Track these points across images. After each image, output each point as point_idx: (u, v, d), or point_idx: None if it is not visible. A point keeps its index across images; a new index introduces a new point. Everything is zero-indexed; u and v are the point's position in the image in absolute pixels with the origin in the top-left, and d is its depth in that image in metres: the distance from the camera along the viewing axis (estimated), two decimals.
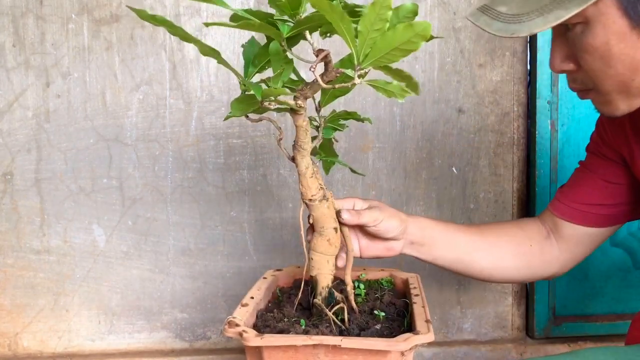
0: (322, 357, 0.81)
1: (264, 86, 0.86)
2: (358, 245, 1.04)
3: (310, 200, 0.92)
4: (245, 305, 0.96)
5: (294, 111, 0.87)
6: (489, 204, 1.49)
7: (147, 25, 1.39)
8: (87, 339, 1.46)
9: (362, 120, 1.00)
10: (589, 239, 1.09)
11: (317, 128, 0.97)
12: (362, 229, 1.02)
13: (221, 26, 0.85)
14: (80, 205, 1.42)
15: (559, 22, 0.74)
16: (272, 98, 0.84)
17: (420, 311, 0.87)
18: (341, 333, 0.86)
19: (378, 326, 0.87)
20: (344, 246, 0.99)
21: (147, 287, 1.46)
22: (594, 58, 0.81)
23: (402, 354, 0.79)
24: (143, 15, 0.73)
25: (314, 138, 0.94)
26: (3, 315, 1.44)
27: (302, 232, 0.95)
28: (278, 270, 1.08)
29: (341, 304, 0.90)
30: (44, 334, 1.45)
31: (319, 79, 0.78)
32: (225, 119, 0.89)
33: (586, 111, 1.48)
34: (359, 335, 0.85)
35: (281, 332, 0.86)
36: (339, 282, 0.99)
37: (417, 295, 0.94)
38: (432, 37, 0.82)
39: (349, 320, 0.89)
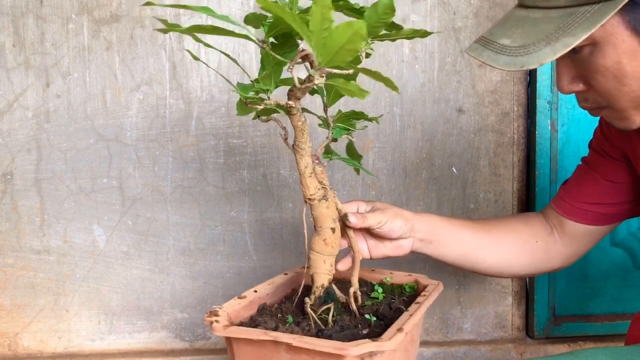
0: (284, 354, 0.81)
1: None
2: (366, 246, 1.04)
3: (310, 199, 0.93)
4: (242, 297, 0.97)
5: (288, 112, 0.88)
6: (489, 204, 1.49)
7: (147, 25, 1.39)
8: (87, 339, 1.46)
9: (370, 120, 1.00)
10: (591, 236, 1.10)
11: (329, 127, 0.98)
12: (368, 230, 1.02)
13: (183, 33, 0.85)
14: (80, 205, 1.42)
15: (567, 49, 0.73)
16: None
17: (403, 319, 0.86)
18: (318, 333, 0.85)
19: (366, 330, 0.86)
20: (350, 251, 1.00)
21: (147, 287, 1.46)
22: (606, 78, 0.79)
23: (362, 359, 0.78)
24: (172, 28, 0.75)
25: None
26: (3, 315, 1.44)
27: (305, 232, 0.95)
28: (304, 267, 1.07)
29: (330, 304, 0.90)
30: (44, 334, 1.45)
31: (295, 80, 0.78)
32: (240, 114, 0.91)
33: (586, 111, 1.48)
34: (330, 337, 0.84)
35: (266, 327, 0.86)
36: (347, 283, 0.99)
37: (418, 302, 0.93)
38: (426, 34, 0.83)
39: (334, 321, 0.89)
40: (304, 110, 1.03)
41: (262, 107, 0.88)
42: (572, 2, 0.75)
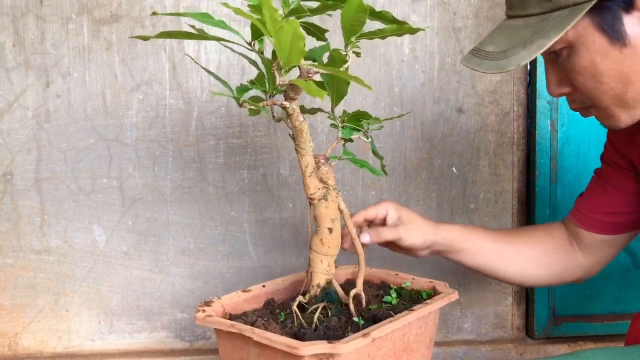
0: (253, 348, 0.83)
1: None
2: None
3: (310, 198, 0.94)
4: (246, 291, 1.00)
5: (286, 112, 0.90)
6: (489, 204, 1.49)
7: (147, 25, 1.39)
8: (87, 339, 1.46)
9: (379, 121, 1.00)
10: (609, 245, 1.10)
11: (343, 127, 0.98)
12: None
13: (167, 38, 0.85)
14: (80, 205, 1.42)
15: (542, 51, 0.79)
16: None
17: (376, 325, 0.85)
18: (297, 332, 0.86)
19: (350, 333, 0.85)
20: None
21: (147, 287, 1.46)
22: (585, 78, 0.84)
23: (322, 359, 0.78)
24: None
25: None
26: (3, 315, 1.44)
27: (309, 230, 0.97)
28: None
29: (320, 304, 0.91)
30: (44, 334, 1.45)
31: (278, 80, 0.81)
32: (251, 114, 0.94)
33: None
34: (303, 335, 0.85)
35: (246, 320, 0.89)
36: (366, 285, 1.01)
37: (412, 310, 0.91)
38: (412, 30, 0.83)
39: (321, 321, 0.89)
40: (315, 110, 1.03)
41: (260, 107, 0.90)
42: (545, 8, 0.81)
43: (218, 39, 0.83)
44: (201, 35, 0.84)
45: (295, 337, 0.85)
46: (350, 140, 0.99)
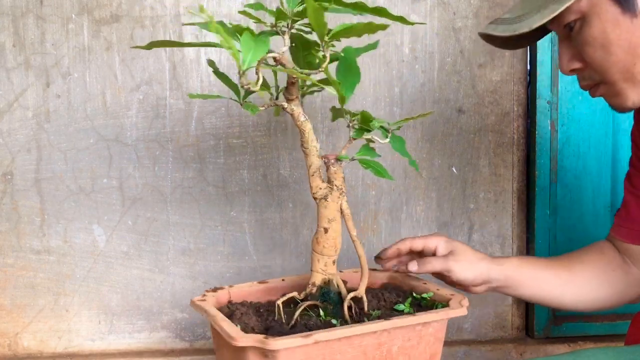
0: (220, 335, 0.87)
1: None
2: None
3: (313, 197, 0.94)
4: (263, 282, 1.04)
5: (290, 113, 0.92)
6: (489, 204, 1.49)
7: (147, 25, 1.39)
8: (87, 339, 1.46)
9: (386, 124, 1.00)
10: None
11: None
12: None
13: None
14: (80, 205, 1.42)
15: (554, 14, 0.81)
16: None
17: (329, 328, 0.86)
18: (271, 325, 0.90)
19: None
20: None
21: (147, 287, 1.46)
22: (595, 48, 0.85)
23: (264, 354, 0.79)
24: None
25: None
26: (3, 315, 1.44)
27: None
28: (356, 271, 1.08)
29: (305, 302, 0.93)
30: (44, 334, 1.45)
31: (261, 80, 0.84)
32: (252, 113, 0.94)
33: (586, 111, 1.49)
34: (267, 329, 0.89)
35: (240, 312, 0.93)
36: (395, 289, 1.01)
37: (388, 318, 0.90)
38: (385, 27, 0.84)
39: (298, 320, 0.90)
40: (311, 91, 1.03)
41: (263, 107, 0.91)
42: None
43: (215, 45, 0.84)
44: (198, 43, 0.85)
45: (265, 330, 0.87)
46: (371, 140, 0.97)
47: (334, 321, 0.91)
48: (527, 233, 1.51)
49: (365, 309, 0.94)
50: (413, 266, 0.99)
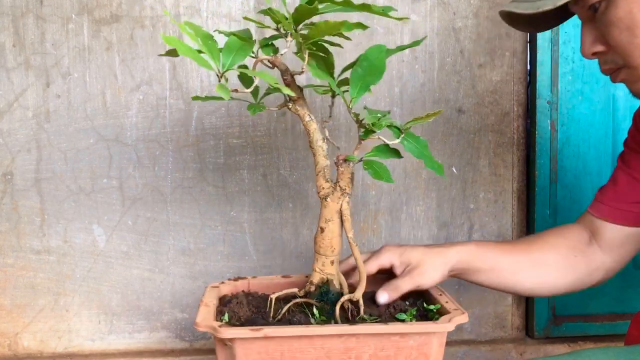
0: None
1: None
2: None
3: (318, 196, 0.95)
4: (287, 277, 1.08)
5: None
6: (489, 204, 1.49)
7: (147, 25, 1.39)
8: (87, 339, 1.46)
9: (395, 126, 0.98)
10: (633, 239, 1.05)
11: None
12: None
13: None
14: (80, 205, 1.42)
15: None
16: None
17: (291, 326, 0.88)
18: (256, 317, 0.93)
19: None
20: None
21: (147, 287, 1.46)
22: (620, 30, 0.83)
23: (224, 343, 0.83)
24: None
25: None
26: (3, 315, 1.44)
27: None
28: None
29: (294, 300, 0.94)
30: (44, 334, 1.45)
31: (256, 81, 0.85)
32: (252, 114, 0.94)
33: (586, 111, 1.49)
34: (245, 320, 0.92)
35: (235, 303, 0.96)
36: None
37: (353, 323, 0.90)
38: (364, 27, 0.83)
39: (285, 315, 0.92)
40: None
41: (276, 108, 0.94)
42: None
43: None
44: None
45: (249, 321, 0.90)
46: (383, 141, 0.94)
47: (312, 320, 0.91)
48: (527, 233, 1.51)
49: (362, 312, 0.93)
50: (383, 297, 0.95)
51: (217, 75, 0.82)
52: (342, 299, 0.92)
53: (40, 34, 1.38)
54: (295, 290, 0.96)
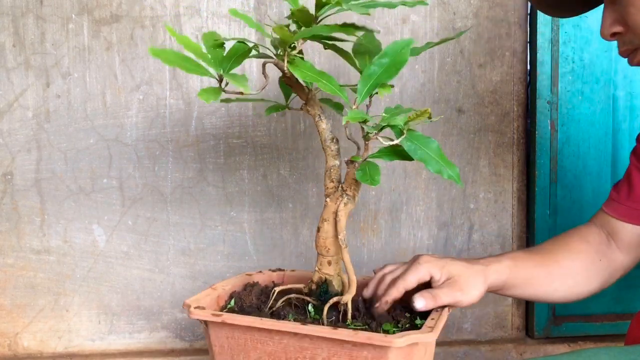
0: None
1: None
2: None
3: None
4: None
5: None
6: (489, 204, 1.49)
7: (147, 25, 1.39)
8: (87, 339, 1.46)
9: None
10: None
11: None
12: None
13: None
14: (80, 205, 1.42)
15: None
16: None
17: (251, 316, 0.91)
18: (250, 308, 0.97)
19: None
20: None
21: (147, 287, 1.46)
22: (637, 10, 0.85)
23: (205, 323, 0.89)
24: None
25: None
26: (3, 315, 1.44)
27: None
28: (364, 278, 1.09)
29: (288, 295, 0.96)
30: (44, 334, 1.45)
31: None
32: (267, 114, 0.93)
33: (586, 111, 1.49)
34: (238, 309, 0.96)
35: (242, 293, 1.01)
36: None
37: (305, 322, 0.91)
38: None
39: (280, 308, 0.94)
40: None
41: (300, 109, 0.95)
42: None
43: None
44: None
45: (247, 309, 0.95)
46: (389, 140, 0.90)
47: (289, 316, 0.93)
48: (527, 233, 1.52)
49: (348, 317, 0.91)
50: (420, 302, 0.90)
51: (217, 79, 0.83)
52: (331, 301, 0.92)
53: (40, 34, 1.38)
54: (302, 286, 0.97)
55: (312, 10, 0.82)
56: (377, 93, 0.88)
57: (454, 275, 0.96)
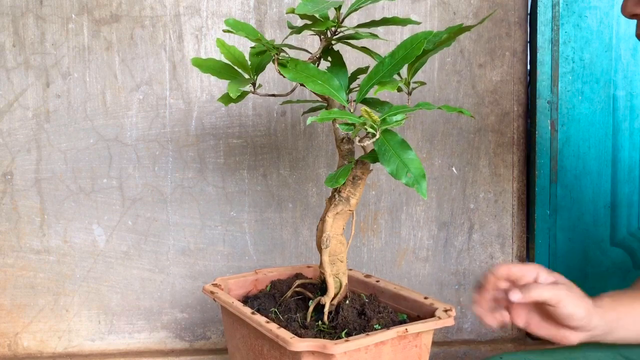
0: None
1: None
2: (525, 318, 0.87)
3: None
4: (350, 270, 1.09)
5: None
6: (489, 204, 1.49)
7: (147, 25, 1.39)
8: (87, 339, 1.46)
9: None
10: None
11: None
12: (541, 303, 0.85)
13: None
14: (80, 205, 1.42)
15: None
16: None
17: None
18: (265, 296, 1.02)
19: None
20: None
21: (147, 287, 1.46)
22: None
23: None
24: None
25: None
26: (3, 315, 1.44)
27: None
28: (367, 275, 1.10)
29: (291, 290, 1.00)
30: (44, 334, 1.45)
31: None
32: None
33: (586, 111, 1.48)
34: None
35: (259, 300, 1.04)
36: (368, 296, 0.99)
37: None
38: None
39: (287, 300, 0.98)
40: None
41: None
42: None
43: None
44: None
45: (264, 297, 1.01)
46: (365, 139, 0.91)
47: (274, 309, 0.96)
48: (527, 233, 1.52)
49: (324, 318, 0.92)
50: (515, 295, 0.81)
51: (252, 84, 0.91)
52: (315, 301, 0.92)
53: (40, 34, 1.38)
54: (319, 282, 0.98)
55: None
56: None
57: (562, 281, 0.87)
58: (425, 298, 0.96)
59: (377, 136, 0.80)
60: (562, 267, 1.50)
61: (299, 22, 0.91)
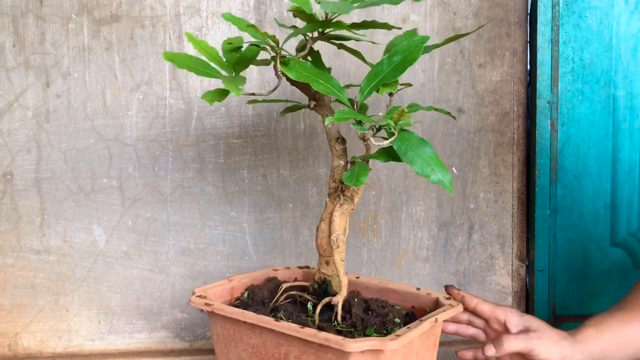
0: None
1: None
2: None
3: None
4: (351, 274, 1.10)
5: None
6: (489, 204, 1.49)
7: (147, 25, 1.39)
8: (87, 339, 1.46)
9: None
10: None
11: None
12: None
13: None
14: (80, 205, 1.42)
15: None
16: None
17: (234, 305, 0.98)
18: (256, 300, 1.01)
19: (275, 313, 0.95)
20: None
21: (147, 287, 1.46)
22: None
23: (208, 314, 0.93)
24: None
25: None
26: (3, 315, 1.44)
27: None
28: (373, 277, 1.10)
29: (286, 294, 0.99)
30: (44, 334, 1.45)
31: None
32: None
33: (586, 111, 1.49)
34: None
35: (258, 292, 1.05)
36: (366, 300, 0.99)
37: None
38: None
39: (280, 302, 0.97)
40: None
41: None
42: None
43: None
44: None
45: (251, 303, 0.99)
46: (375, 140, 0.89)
47: (276, 313, 0.94)
48: (527, 233, 1.52)
49: (338, 318, 0.92)
50: (490, 350, 0.86)
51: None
52: (323, 301, 0.92)
53: (40, 34, 1.38)
54: (308, 284, 0.98)
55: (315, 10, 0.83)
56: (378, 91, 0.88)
57: (534, 327, 0.89)
58: (418, 289, 0.99)
59: (396, 135, 0.82)
60: (562, 267, 1.50)
61: (288, 23, 0.91)
